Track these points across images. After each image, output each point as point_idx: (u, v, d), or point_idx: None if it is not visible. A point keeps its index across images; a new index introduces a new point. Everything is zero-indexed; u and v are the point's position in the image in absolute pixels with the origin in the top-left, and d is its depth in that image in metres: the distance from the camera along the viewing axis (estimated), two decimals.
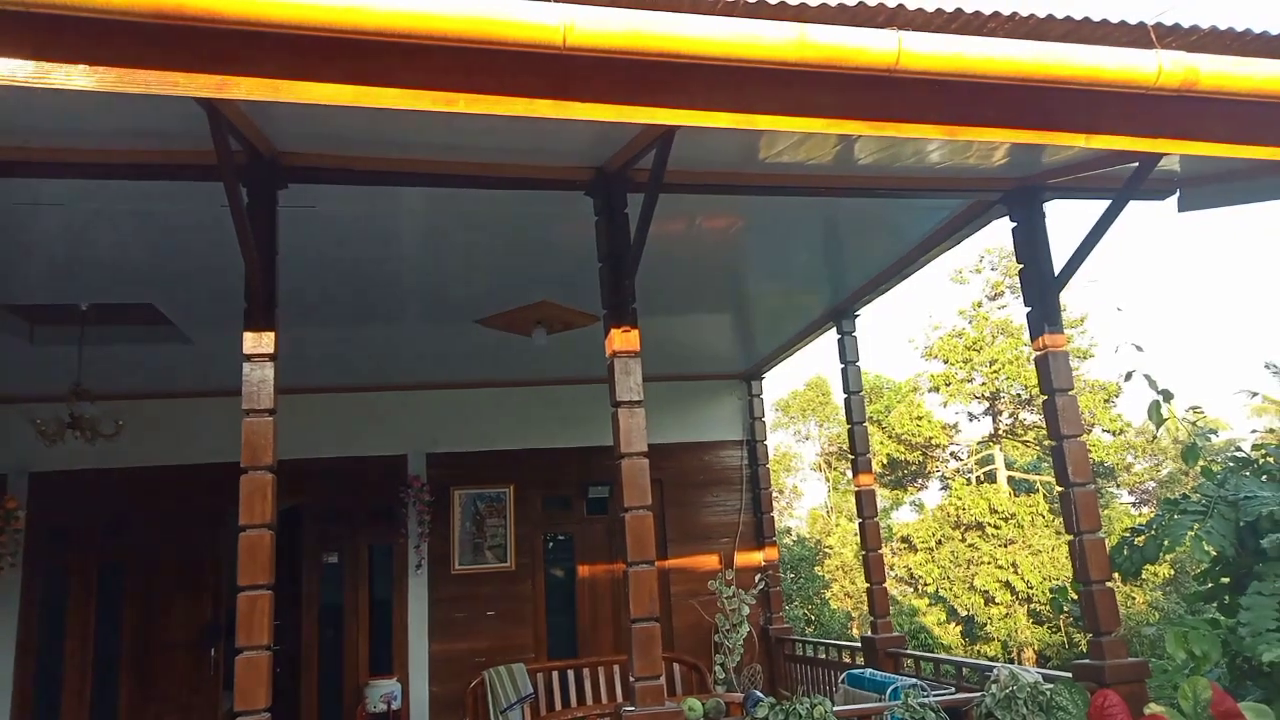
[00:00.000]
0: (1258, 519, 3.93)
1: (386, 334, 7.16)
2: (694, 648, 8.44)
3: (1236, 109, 3.13)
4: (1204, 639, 3.78)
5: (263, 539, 3.39)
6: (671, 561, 8.82)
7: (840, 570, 23.70)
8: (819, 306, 7.25)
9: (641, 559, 3.88)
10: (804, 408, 35.96)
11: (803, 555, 18.84)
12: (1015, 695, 3.70)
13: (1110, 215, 4.47)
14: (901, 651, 6.69)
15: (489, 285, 6.06)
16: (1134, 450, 25.40)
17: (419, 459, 8.48)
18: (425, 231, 5.22)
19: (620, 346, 4.06)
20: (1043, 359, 4.69)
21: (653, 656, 3.81)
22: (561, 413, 8.80)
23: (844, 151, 4.40)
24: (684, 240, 5.61)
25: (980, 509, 22.09)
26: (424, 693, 7.97)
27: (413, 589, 8.20)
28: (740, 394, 9.47)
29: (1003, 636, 20.60)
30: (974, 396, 25.31)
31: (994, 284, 25.64)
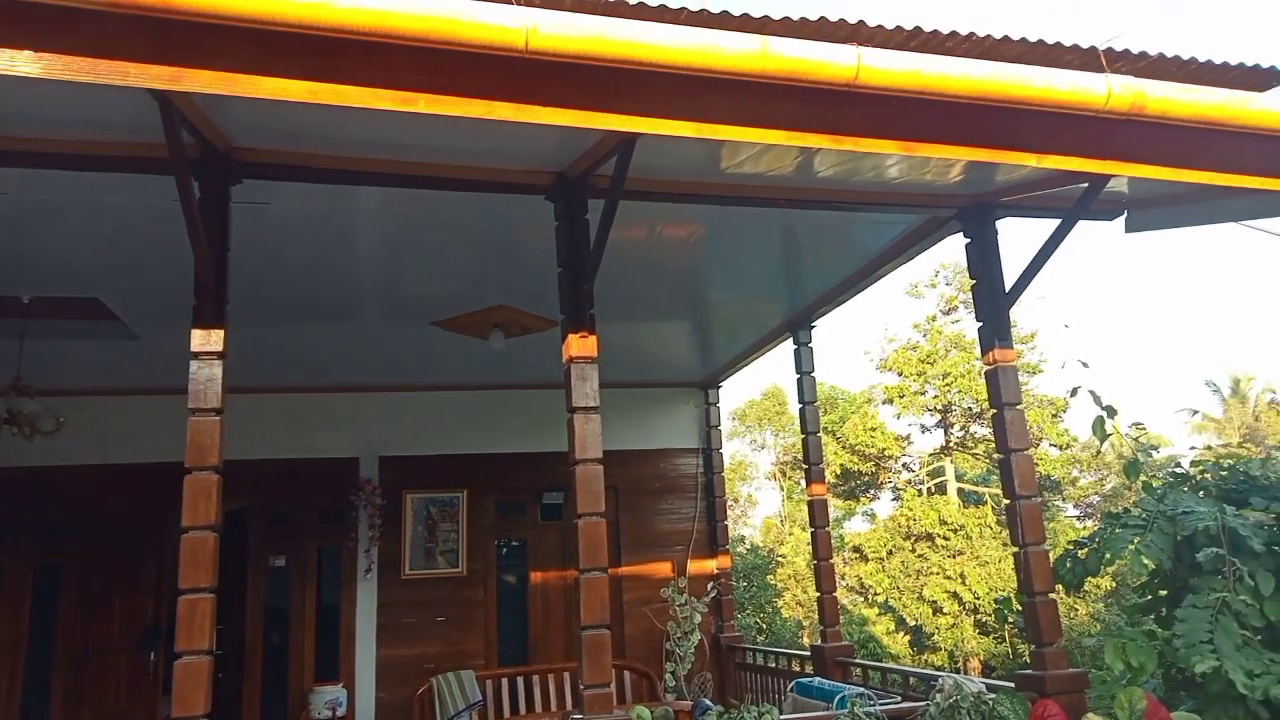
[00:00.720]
0: (1194, 534, 4.04)
1: (341, 334, 7.06)
2: (645, 655, 8.43)
3: (1182, 134, 3.22)
4: (1141, 650, 3.87)
5: (206, 541, 3.31)
6: (625, 569, 8.80)
7: (792, 579, 23.87)
8: (776, 317, 7.30)
9: (594, 566, 3.87)
10: (760, 417, 36.22)
11: (756, 564, 18.92)
12: (959, 705, 3.75)
13: (1060, 234, 4.57)
14: (850, 660, 6.75)
15: (446, 287, 6.01)
16: (1079, 464, 25.99)
17: (371, 462, 8.36)
18: (383, 232, 5.16)
19: (577, 352, 4.05)
20: (993, 373, 4.78)
21: (602, 664, 3.79)
22: (517, 418, 8.74)
23: (804, 164, 4.44)
24: (644, 247, 5.62)
25: (931, 520, 22.43)
26: (370, 699, 7.85)
27: (361, 593, 8.08)
28: (697, 402, 9.50)
29: (949, 646, 20.91)
30: (926, 409, 25.72)
31: (948, 299, 26.09)
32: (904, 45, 3.04)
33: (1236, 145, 3.32)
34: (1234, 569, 3.88)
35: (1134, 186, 4.69)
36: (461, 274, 5.83)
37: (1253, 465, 4.44)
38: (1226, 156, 3.42)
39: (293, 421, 8.30)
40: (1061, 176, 4.34)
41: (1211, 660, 3.59)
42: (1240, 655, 3.64)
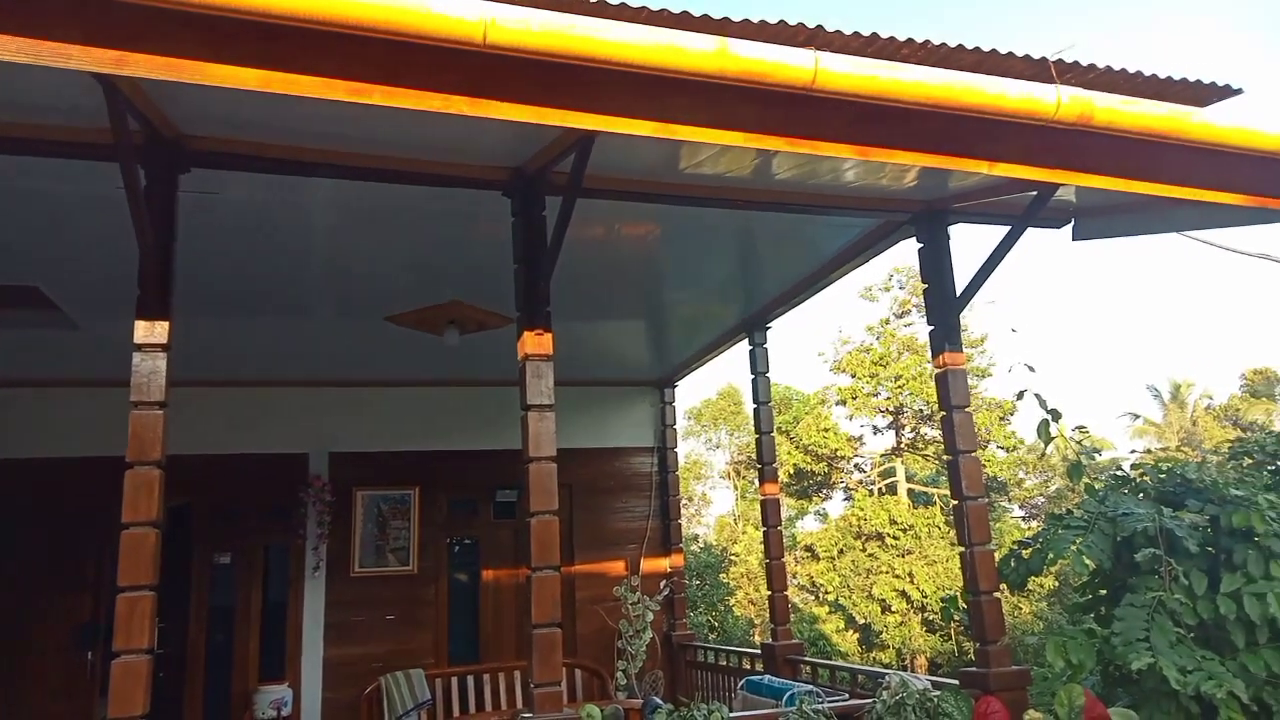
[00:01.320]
0: (1133, 534, 4.16)
1: (292, 328, 6.94)
2: (597, 653, 8.42)
3: (1127, 145, 3.30)
4: (1081, 648, 3.97)
5: (147, 538, 3.23)
6: (578, 567, 8.78)
7: (745, 578, 24.03)
8: (732, 317, 7.35)
9: (545, 564, 3.86)
10: (715, 416, 36.41)
11: (709, 562, 19.01)
12: (904, 701, 3.81)
13: (1009, 241, 4.67)
14: (800, 658, 6.81)
15: (401, 282, 5.94)
16: (1025, 466, 26.56)
17: (321, 458, 8.23)
18: (336, 224, 5.08)
19: (533, 350, 4.03)
20: (942, 376, 4.86)
21: (553, 662, 3.78)
22: (471, 415, 8.68)
23: (762, 166, 4.47)
24: (602, 245, 5.61)
25: (881, 520, 22.75)
26: (317, 699, 7.73)
27: (309, 591, 7.95)
28: (653, 401, 9.52)
29: (897, 644, 21.23)
30: (879, 410, 26.07)
31: (901, 302, 26.47)
32: (861, 51, 3.07)
33: (1178, 158, 3.42)
34: (1170, 569, 3.99)
35: (1081, 196, 4.81)
36: (417, 269, 5.77)
37: (1189, 469, 4.57)
38: (1169, 168, 3.51)
39: (240, 416, 8.14)
40: (1012, 184, 4.43)
41: (1147, 657, 3.69)
42: (1174, 652, 3.75)
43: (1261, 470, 4.85)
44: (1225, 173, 3.53)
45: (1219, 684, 3.61)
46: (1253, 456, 4.92)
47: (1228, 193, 3.59)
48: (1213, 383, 37.88)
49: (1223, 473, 4.48)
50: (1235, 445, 5.13)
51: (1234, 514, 4.00)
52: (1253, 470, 4.79)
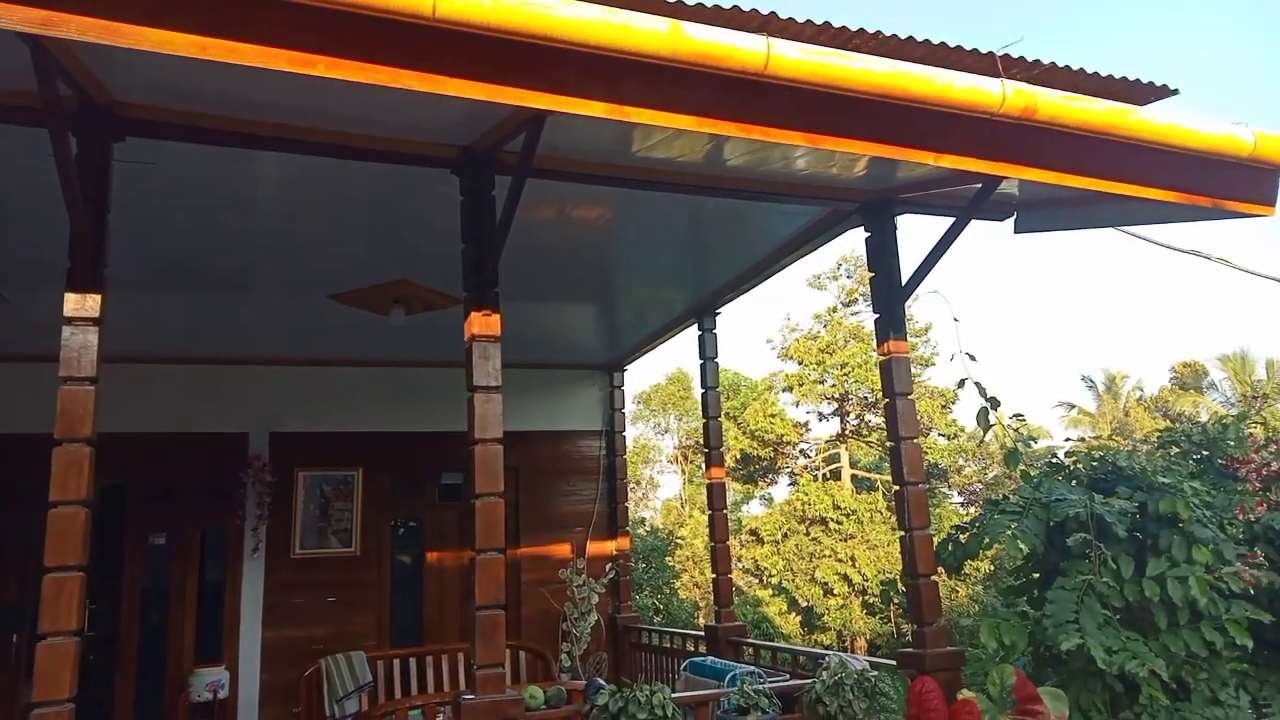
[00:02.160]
0: (1065, 520, 4.28)
1: (232, 304, 6.77)
2: (542, 636, 8.43)
3: (1069, 141, 3.37)
4: (1013, 629, 4.09)
5: (76, 517, 3.14)
6: (523, 550, 8.77)
7: (691, 561, 24.25)
8: (682, 302, 7.37)
9: (490, 546, 3.84)
10: (664, 401, 36.54)
11: (655, 545, 19.13)
12: (843, 682, 3.89)
13: (954, 232, 4.75)
14: (742, 640, 6.90)
15: (346, 259, 5.83)
16: (965, 454, 27.18)
17: (261, 438, 8.06)
18: (279, 199, 4.96)
19: (480, 330, 4.00)
20: (886, 364, 4.94)
21: (496, 644, 3.77)
22: (416, 396, 8.57)
23: (714, 151, 4.48)
24: (552, 227, 5.58)
25: (825, 505, 23.12)
26: (255, 681, 7.61)
27: (248, 573, 7.80)
28: (601, 385, 9.51)
29: (838, 626, 21.65)
30: (824, 397, 26.43)
31: (849, 291, 26.81)
32: (814, 39, 3.08)
33: (1117, 154, 3.50)
34: (1099, 553, 4.12)
35: (1024, 189, 4.91)
36: (362, 247, 5.67)
37: (1120, 457, 4.72)
38: (1107, 164, 3.60)
39: (179, 394, 7.93)
40: (957, 176, 4.50)
41: (1076, 638, 3.81)
42: (1101, 634, 3.88)
43: (1187, 459, 5.03)
44: (1159, 170, 3.63)
45: (1142, 663, 3.75)
46: (1180, 446, 5.10)
47: (1161, 189, 3.69)
48: (1145, 374, 39.16)
49: (1151, 461, 4.63)
50: (1164, 435, 5.31)
51: (1161, 501, 4.15)
52: (1179, 459, 4.97)
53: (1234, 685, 4.05)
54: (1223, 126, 3.35)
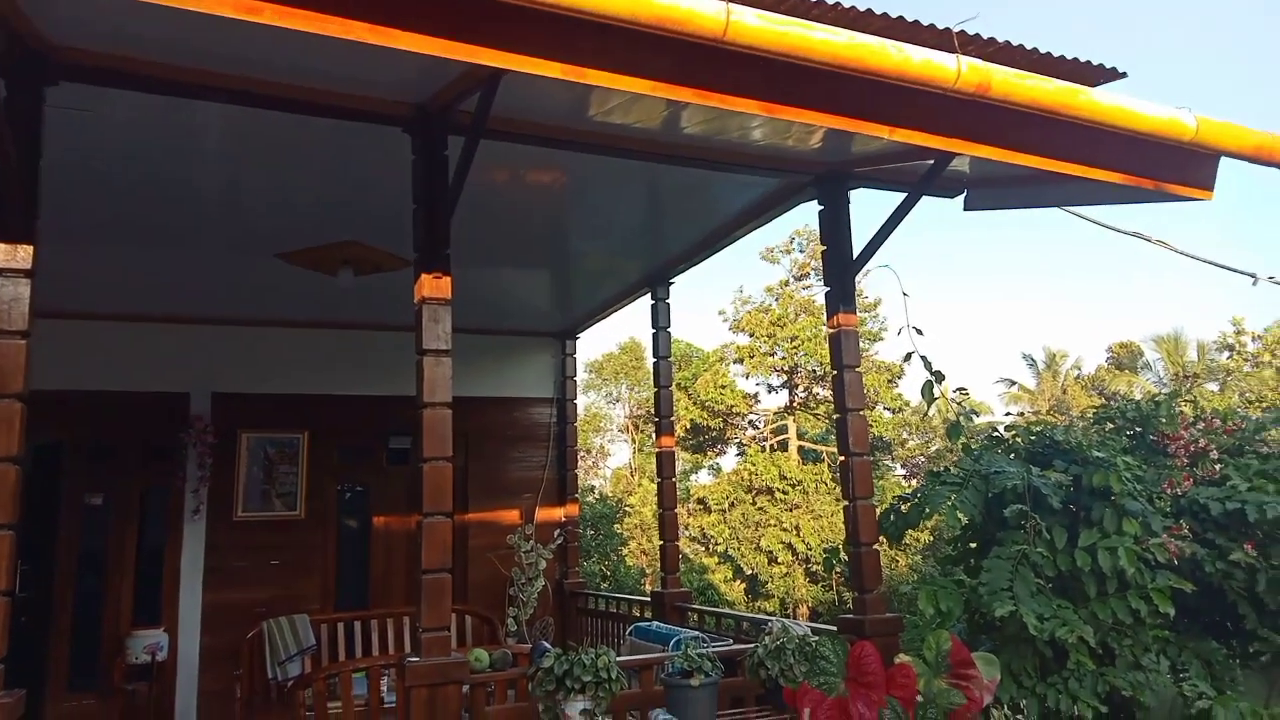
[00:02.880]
0: (1003, 491, 4.40)
1: (174, 261, 6.58)
2: (488, 601, 8.45)
3: (1020, 119, 3.42)
4: (950, 596, 4.20)
5: (7, 474, 3.05)
6: (471, 515, 8.75)
7: (639, 529, 24.45)
8: (636, 271, 7.35)
9: (437, 510, 3.82)
10: (617, 370, 36.57)
11: (604, 513, 19.23)
12: (785, 646, 3.96)
13: (905, 207, 4.81)
14: (687, 606, 7.00)
15: (294, 218, 5.70)
16: (909, 427, 27.73)
17: (203, 398, 7.89)
18: (224, 153, 4.81)
19: (430, 293, 3.94)
20: (835, 336, 5.00)
21: (442, 608, 3.77)
22: (365, 359, 8.46)
23: (671, 119, 4.45)
24: (506, 191, 5.51)
25: (771, 475, 23.46)
26: (195, 644, 7.51)
27: (188, 535, 7.67)
28: (553, 352, 9.48)
29: (782, 594, 22.07)
30: (774, 370, 26.69)
31: (801, 265, 27.02)
32: (774, 8, 3.07)
33: (1066, 134, 3.56)
34: (1035, 524, 4.25)
35: (974, 167, 4.98)
36: (311, 205, 5.54)
37: (1057, 431, 4.86)
38: (1057, 144, 3.66)
39: (118, 352, 7.72)
40: (910, 152, 4.54)
41: (1009, 606, 3.94)
42: (1034, 601, 4.02)
43: (1121, 435, 5.20)
44: (1105, 151, 3.71)
45: (1071, 630, 3.90)
46: (1114, 422, 5.26)
47: (1107, 170, 3.77)
48: (1084, 353, 40.26)
49: (1087, 436, 4.77)
50: (1099, 411, 5.47)
51: (1094, 474, 4.28)
52: (1114, 435, 5.13)
53: (1155, 651, 4.23)
54: (1166, 110, 3.42)
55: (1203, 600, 4.37)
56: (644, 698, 4.31)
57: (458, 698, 3.75)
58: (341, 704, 4.79)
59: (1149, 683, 4.01)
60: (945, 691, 3.60)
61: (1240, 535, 4.32)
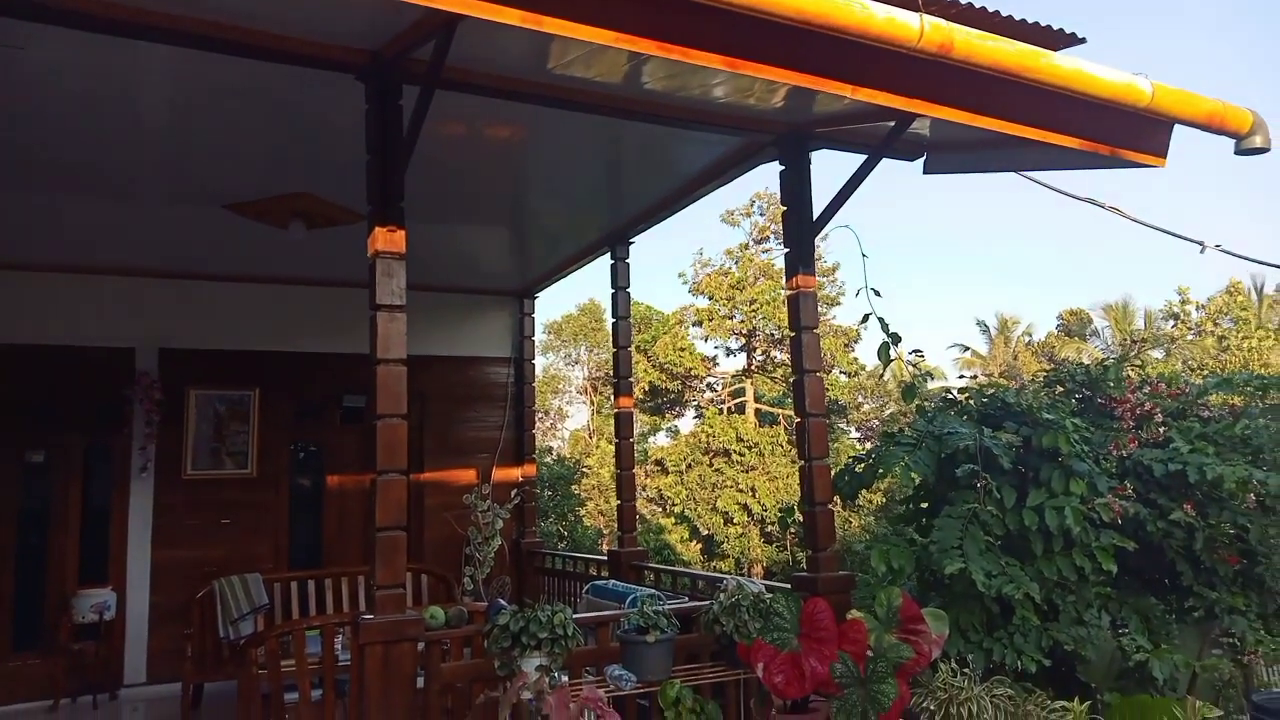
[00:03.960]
0: (955, 452, 4.48)
1: (117, 210, 6.36)
2: (445, 560, 8.43)
3: (981, 81, 3.41)
4: (902, 554, 4.28)
5: None
6: (428, 475, 8.70)
7: (596, 490, 24.57)
8: (595, 230, 7.28)
9: (391, 468, 3.78)
10: (576, 332, 36.46)
11: (561, 474, 19.27)
12: (739, 603, 4.01)
13: (865, 169, 4.80)
14: (644, 565, 7.06)
15: (243, 168, 5.53)
16: (865, 391, 28.12)
17: (150, 353, 7.70)
18: (171, 98, 4.64)
19: (384, 246, 3.86)
20: (794, 298, 5.01)
21: (396, 565, 3.74)
22: (319, 316, 8.30)
23: (633, 73, 4.38)
24: (464, 146, 5.40)
25: (729, 437, 23.66)
26: (144, 603, 7.41)
27: (135, 493, 7.52)
28: (511, 311, 9.39)
29: (737, 554, 22.40)
30: (733, 333, 26.81)
31: (761, 228, 27.04)
32: None
33: (1025, 97, 3.56)
34: (985, 484, 4.33)
35: (934, 130, 4.98)
36: (260, 155, 5.38)
37: (1009, 394, 4.94)
38: (1016, 107, 3.67)
39: (59, 305, 7.48)
40: (872, 112, 4.52)
41: (959, 563, 4.02)
42: (983, 559, 4.10)
43: (1070, 398, 5.30)
44: (1063, 115, 3.73)
45: (1018, 586, 3.99)
46: (1064, 385, 5.37)
47: (1064, 135, 3.80)
48: (1036, 320, 41.04)
49: (1038, 399, 4.86)
50: (1050, 374, 5.57)
51: (1044, 436, 4.37)
52: (1063, 398, 5.23)
53: (1097, 607, 4.36)
54: (1124, 76, 3.43)
55: (1143, 558, 4.50)
56: (600, 654, 4.34)
57: (412, 655, 3.74)
58: (295, 662, 4.75)
59: (1090, 637, 4.14)
60: (895, 646, 3.68)
61: (1181, 496, 4.44)
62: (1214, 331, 27.37)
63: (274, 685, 4.77)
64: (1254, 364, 22.63)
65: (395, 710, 3.62)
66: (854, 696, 3.52)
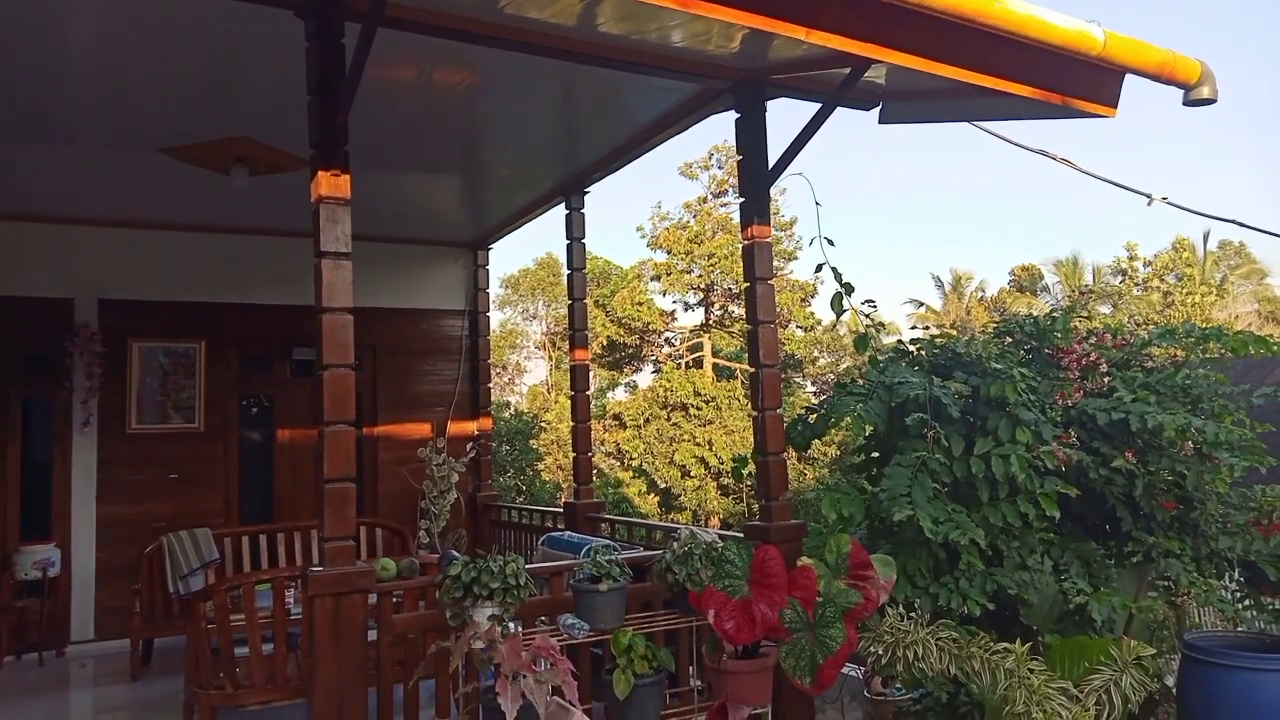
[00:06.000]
0: (906, 401, 4.51)
1: (50, 155, 6.10)
2: (400, 514, 8.39)
3: (937, 26, 3.37)
4: (852, 503, 4.33)
5: None
6: (381, 428, 8.61)
7: (555, 444, 24.62)
8: (549, 179, 7.16)
9: (339, 419, 3.73)
10: (534, 286, 36.19)
11: (519, 428, 19.24)
12: (692, 552, 4.03)
13: (820, 117, 4.75)
14: (600, 516, 7.09)
15: (180, 109, 5.32)
16: (821, 345, 28.40)
17: (89, 305, 7.46)
18: (103, 34, 4.41)
19: (328, 191, 3.74)
20: (749, 248, 4.98)
21: (346, 517, 3.70)
22: (266, 266, 8.10)
23: (587, 15, 4.26)
24: (414, 90, 5.24)
25: (686, 391, 23.80)
26: (90, 559, 7.28)
27: (78, 448, 7.34)
28: (465, 263, 9.25)
29: (694, 506, 22.67)
30: (691, 287, 26.82)
31: (719, 181, 26.93)
32: None
33: (980, 43, 3.54)
34: (934, 432, 4.38)
35: (890, 79, 4.93)
36: (198, 96, 5.17)
37: (959, 344, 4.98)
38: (971, 54, 3.64)
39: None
40: (827, 58, 4.46)
41: (908, 510, 4.07)
42: (931, 506, 4.16)
43: (1019, 349, 5.36)
44: (1017, 63, 3.71)
45: (964, 532, 4.06)
46: (1013, 336, 5.42)
47: (1018, 83, 3.78)
48: (989, 275, 41.71)
49: (987, 349, 4.90)
50: (1000, 325, 5.63)
51: (992, 385, 4.41)
52: (1012, 348, 5.28)
53: (1040, 552, 4.45)
54: (1076, 22, 3.42)
55: (1085, 504, 4.60)
56: (554, 604, 4.35)
57: (363, 606, 3.71)
58: (245, 616, 4.71)
59: (1033, 581, 4.23)
60: (844, 591, 3.73)
61: (1123, 444, 4.53)
62: (1160, 287, 28.01)
63: (224, 639, 4.73)
64: (1197, 320, 23.24)
65: (346, 662, 3.60)
66: (803, 641, 3.57)
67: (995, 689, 3.35)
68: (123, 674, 6.42)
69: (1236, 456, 4.58)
